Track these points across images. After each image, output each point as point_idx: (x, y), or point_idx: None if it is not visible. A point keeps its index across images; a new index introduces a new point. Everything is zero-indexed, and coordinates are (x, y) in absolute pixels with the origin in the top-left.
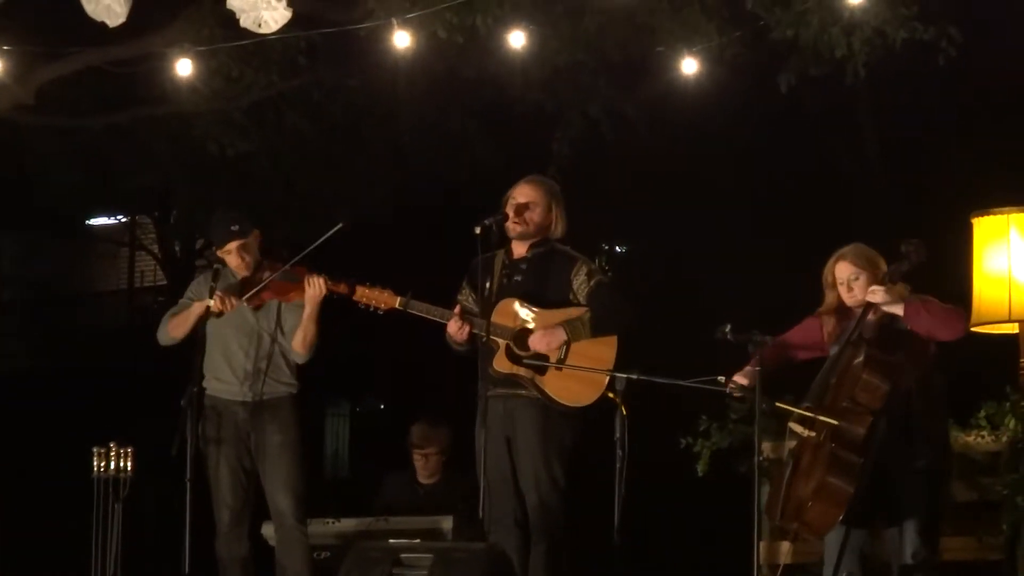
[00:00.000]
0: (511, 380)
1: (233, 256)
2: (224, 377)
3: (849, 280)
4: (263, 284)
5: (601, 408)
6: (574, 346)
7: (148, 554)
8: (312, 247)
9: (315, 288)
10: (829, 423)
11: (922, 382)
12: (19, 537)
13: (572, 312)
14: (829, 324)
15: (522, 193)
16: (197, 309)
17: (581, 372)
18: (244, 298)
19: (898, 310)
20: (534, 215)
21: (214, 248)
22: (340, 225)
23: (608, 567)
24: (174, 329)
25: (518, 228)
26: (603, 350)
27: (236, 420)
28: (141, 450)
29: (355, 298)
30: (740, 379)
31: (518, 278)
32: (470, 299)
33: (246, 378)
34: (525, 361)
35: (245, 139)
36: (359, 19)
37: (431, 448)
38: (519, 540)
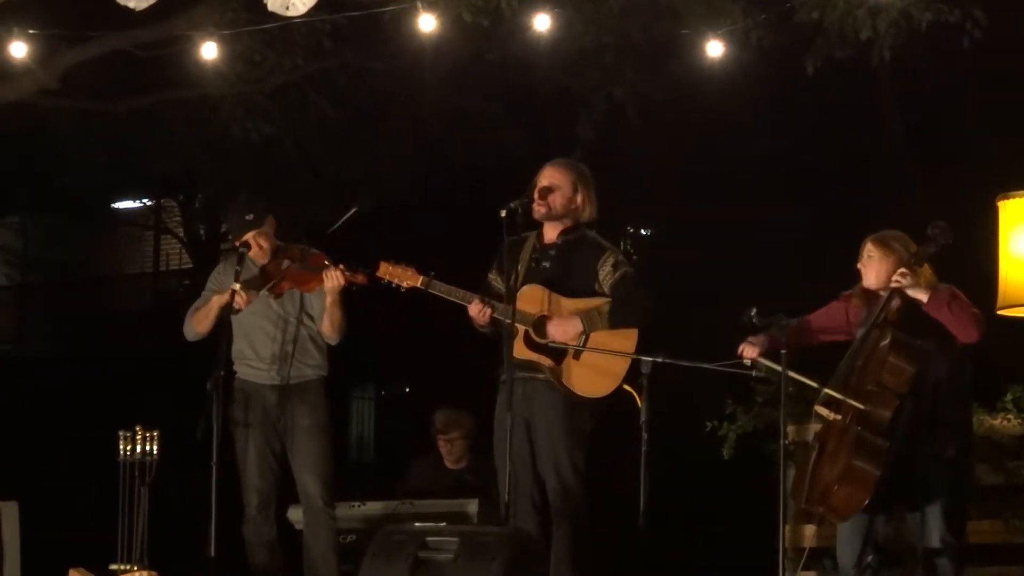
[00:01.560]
0: (531, 364)
1: (252, 244)
2: (252, 362)
3: (865, 257)
4: (281, 276)
5: (625, 393)
6: (593, 337)
7: (174, 537)
8: (332, 229)
9: (333, 280)
10: (855, 406)
11: (950, 369)
12: (45, 520)
13: (592, 302)
14: (857, 307)
15: (546, 176)
16: (216, 303)
17: (599, 363)
18: (264, 290)
19: (922, 296)
20: (556, 198)
21: (231, 238)
22: (354, 210)
23: (634, 550)
24: (198, 324)
25: (541, 210)
26: (622, 343)
27: (265, 403)
28: (166, 433)
29: (378, 274)
30: (749, 350)
31: (546, 264)
32: (499, 280)
33: (273, 362)
34: (549, 345)
35: (269, 123)
36: (384, 2)
37: (455, 433)
38: (537, 524)
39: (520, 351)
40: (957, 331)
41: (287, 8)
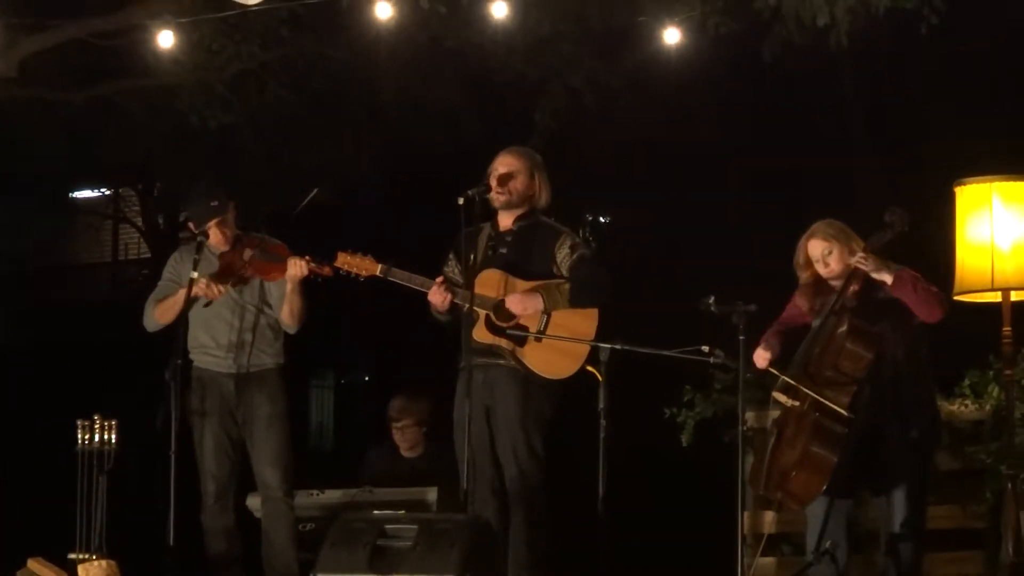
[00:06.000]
0: (491, 350)
1: (213, 232)
2: (210, 350)
3: (823, 255)
4: (245, 267)
5: (584, 379)
6: (554, 317)
7: (132, 526)
8: (294, 213)
9: (297, 269)
10: (811, 395)
11: (908, 351)
12: (4, 511)
13: (550, 282)
14: (804, 304)
15: (503, 163)
16: (183, 295)
17: (560, 344)
18: (229, 283)
19: (887, 278)
20: (516, 184)
21: (192, 226)
22: (316, 191)
23: (592, 538)
24: (162, 315)
25: (501, 198)
26: (583, 322)
27: (222, 391)
28: (125, 423)
29: (336, 264)
30: (762, 361)
31: (503, 250)
32: (455, 270)
33: (231, 350)
34: (507, 332)
35: (227, 111)
36: None
37: (406, 420)
38: (496, 510)
39: (481, 335)
40: (921, 311)
41: None
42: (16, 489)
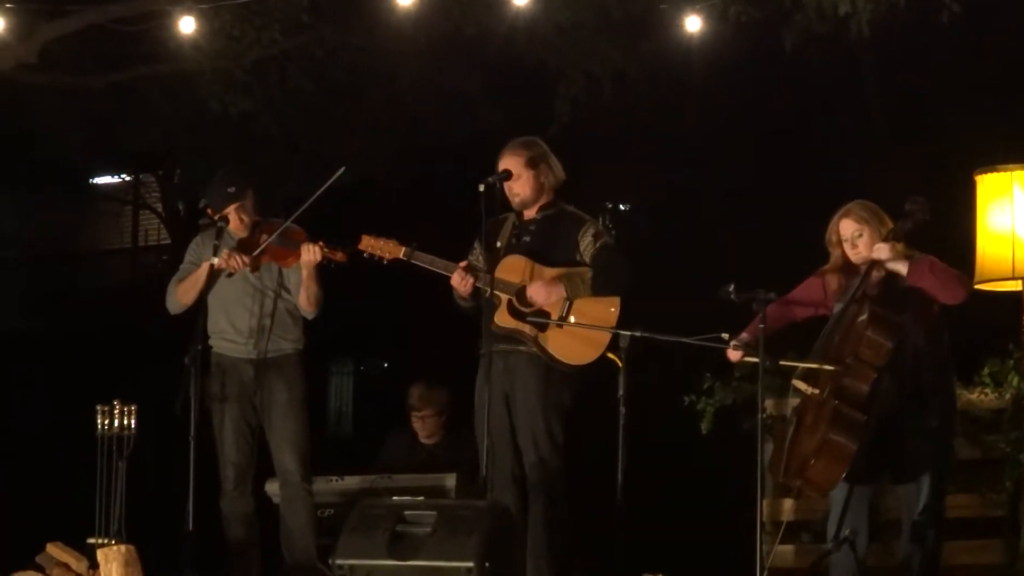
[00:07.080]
0: (512, 336)
1: (232, 218)
2: (229, 335)
3: (853, 237)
4: (261, 249)
5: (604, 367)
6: (577, 304)
7: (152, 511)
8: (315, 195)
9: (311, 254)
10: (833, 371)
11: (929, 340)
12: (24, 496)
13: (572, 270)
14: (833, 283)
15: (504, 165)
16: (204, 271)
17: (582, 331)
18: (252, 257)
19: (902, 268)
20: (519, 185)
21: (211, 211)
22: (342, 170)
23: (612, 525)
24: (183, 295)
25: (515, 200)
26: (605, 310)
27: (241, 377)
28: (145, 408)
29: (360, 247)
30: (733, 355)
31: (527, 239)
32: (480, 258)
33: (251, 335)
34: (528, 318)
35: (248, 97)
36: None
37: (428, 410)
38: (516, 497)
39: (503, 319)
40: (943, 294)
41: None
42: (35, 475)
